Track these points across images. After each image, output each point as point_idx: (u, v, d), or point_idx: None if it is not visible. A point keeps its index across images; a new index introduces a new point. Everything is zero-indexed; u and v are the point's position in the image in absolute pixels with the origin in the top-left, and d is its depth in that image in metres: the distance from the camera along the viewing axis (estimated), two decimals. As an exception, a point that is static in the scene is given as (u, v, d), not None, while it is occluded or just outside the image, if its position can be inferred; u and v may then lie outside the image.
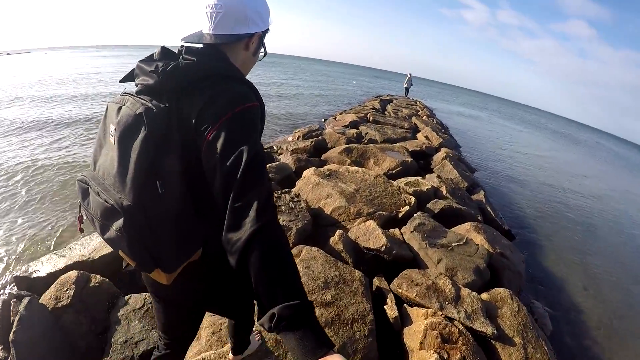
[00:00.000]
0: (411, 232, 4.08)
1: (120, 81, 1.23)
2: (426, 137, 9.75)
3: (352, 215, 4.32)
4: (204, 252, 1.22)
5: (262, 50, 1.34)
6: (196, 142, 1.06)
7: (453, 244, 4.03)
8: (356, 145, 6.94)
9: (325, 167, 5.70)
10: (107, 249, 3.26)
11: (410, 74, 26.30)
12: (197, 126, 1.05)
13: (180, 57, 1.14)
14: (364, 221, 4.14)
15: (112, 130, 1.09)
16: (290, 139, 8.76)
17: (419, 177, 5.85)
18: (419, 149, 8.15)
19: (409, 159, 6.75)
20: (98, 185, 1.12)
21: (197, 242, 1.20)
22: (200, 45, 1.21)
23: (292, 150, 7.29)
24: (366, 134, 9.10)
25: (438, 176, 6.22)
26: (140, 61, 1.16)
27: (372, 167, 6.53)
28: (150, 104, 1.03)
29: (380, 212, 4.43)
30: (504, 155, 14.60)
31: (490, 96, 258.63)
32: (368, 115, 11.72)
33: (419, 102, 23.79)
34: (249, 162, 0.96)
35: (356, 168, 5.57)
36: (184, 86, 1.08)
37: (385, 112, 14.59)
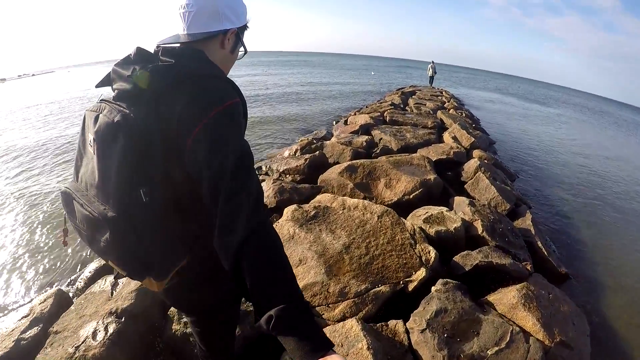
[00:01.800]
0: (422, 330, 2.52)
1: (96, 86, 1.20)
2: (454, 137, 7.97)
3: (333, 297, 2.80)
4: (191, 257, 1.21)
5: (241, 48, 1.31)
6: (179, 145, 1.03)
7: (489, 352, 2.43)
8: (362, 161, 5.31)
9: (313, 202, 4.17)
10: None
11: (433, 62, 24.43)
12: (179, 129, 1.02)
13: (158, 59, 1.13)
14: (349, 309, 2.67)
15: (90, 141, 1.08)
16: (286, 153, 7.15)
17: (443, 210, 4.19)
18: (445, 157, 6.43)
19: (432, 177, 5.09)
20: (82, 197, 1.11)
21: (186, 247, 1.19)
22: (178, 45, 1.18)
23: (281, 172, 5.72)
24: (380, 140, 7.43)
25: (471, 202, 4.53)
26: (116, 64, 1.15)
27: (382, 191, 4.91)
28: (127, 111, 1.01)
29: (380, 287, 2.92)
30: (545, 150, 12.60)
31: (519, 78, 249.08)
32: (385, 114, 10.00)
33: (445, 91, 21.70)
34: (236, 163, 0.96)
35: (356, 202, 4.00)
36: (162, 89, 1.04)
37: (407, 108, 12.80)
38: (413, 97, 16.04)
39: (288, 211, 3.95)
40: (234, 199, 0.93)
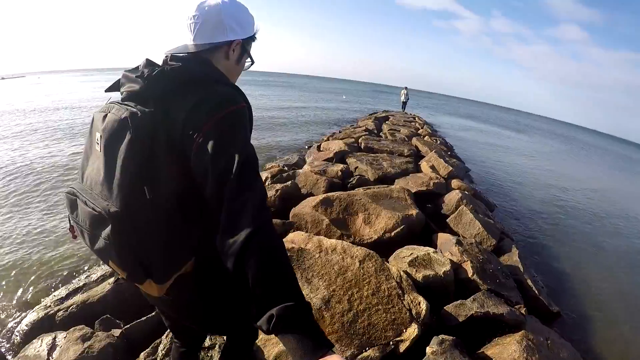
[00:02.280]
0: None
1: (106, 91, 1.25)
2: (432, 166, 7.70)
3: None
4: (196, 264, 1.21)
5: (248, 59, 1.34)
6: (184, 146, 1.04)
7: None
8: (338, 194, 4.90)
9: (285, 242, 3.68)
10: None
11: (406, 87, 24.58)
12: (184, 130, 1.04)
13: (165, 63, 1.16)
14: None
15: (97, 138, 1.11)
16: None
17: (430, 251, 3.82)
18: (425, 188, 6.10)
19: (414, 212, 4.72)
20: (86, 195, 1.12)
21: (188, 251, 1.19)
22: (186, 53, 1.20)
23: None
24: (355, 169, 7.07)
25: (458, 241, 4.17)
26: (125, 71, 1.18)
27: (360, 228, 4.51)
28: (135, 109, 1.04)
29: (367, 350, 2.51)
30: (519, 177, 12.57)
31: (490, 105, 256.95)
32: (360, 140, 9.68)
33: (418, 117, 21.81)
34: (241, 165, 0.96)
35: (334, 243, 3.56)
36: (169, 90, 1.08)
37: (381, 134, 12.57)
38: (387, 122, 15.90)
39: None
40: (238, 199, 0.94)
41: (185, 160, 1.05)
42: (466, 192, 6.21)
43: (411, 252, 3.85)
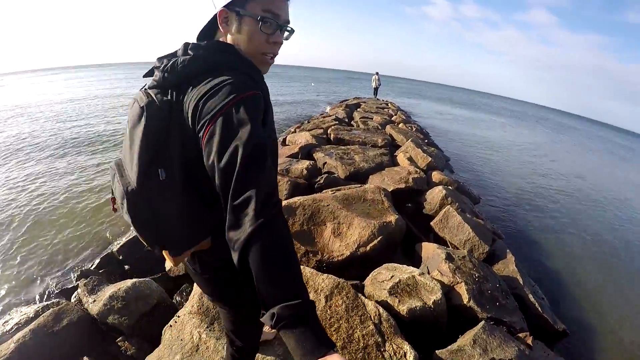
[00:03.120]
0: None
1: (144, 76, 1.27)
2: (409, 157, 6.92)
3: None
4: (213, 242, 1.27)
5: (261, 23, 1.14)
6: (197, 135, 1.05)
7: None
8: (301, 200, 4.07)
9: None
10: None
11: (377, 73, 23.75)
12: (196, 120, 1.05)
13: (185, 52, 1.17)
14: None
15: (128, 122, 1.18)
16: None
17: (415, 273, 3.05)
18: (404, 185, 5.30)
19: (392, 218, 3.93)
20: (118, 170, 1.21)
21: (204, 231, 1.24)
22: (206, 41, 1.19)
23: None
24: (324, 165, 6.24)
25: (448, 255, 3.41)
26: (158, 58, 1.22)
27: (329, 242, 3.70)
28: (154, 98, 1.11)
29: None
30: (500, 162, 12.04)
31: (462, 89, 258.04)
32: (329, 131, 8.83)
33: (391, 103, 21.03)
34: (246, 155, 0.95)
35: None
36: (184, 81, 1.11)
37: (353, 123, 11.73)
38: (358, 110, 15.01)
39: (195, 294, 2.71)
40: (242, 193, 0.92)
41: (199, 149, 1.04)
42: (449, 188, 5.49)
43: (392, 273, 3.07)
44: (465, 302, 2.95)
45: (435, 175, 6.20)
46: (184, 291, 3.52)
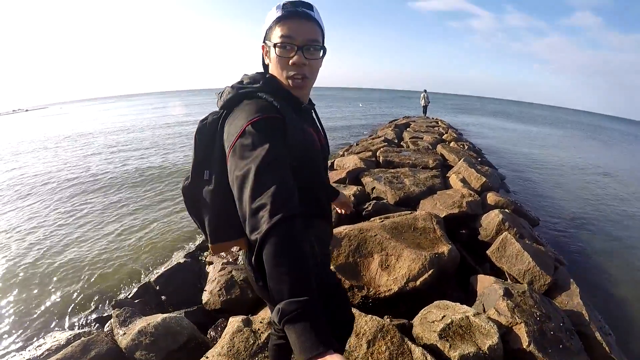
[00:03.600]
0: None
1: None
2: (462, 179, 6.60)
3: None
4: (248, 242, 1.27)
5: (279, 47, 1.30)
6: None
7: None
8: (347, 230, 3.91)
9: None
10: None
11: (426, 90, 23.37)
12: (226, 141, 1.23)
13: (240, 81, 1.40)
14: None
15: None
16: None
17: (469, 313, 2.79)
18: (457, 210, 5.01)
19: (445, 248, 3.70)
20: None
21: (234, 231, 1.33)
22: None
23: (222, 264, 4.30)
24: (372, 190, 6.05)
25: (507, 291, 3.11)
26: (228, 86, 1.40)
27: (376, 275, 3.51)
28: (208, 117, 1.37)
29: None
30: (558, 179, 11.29)
31: (512, 101, 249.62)
32: (378, 153, 8.65)
33: (441, 121, 20.51)
34: (257, 172, 1.05)
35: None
36: (229, 105, 1.30)
37: (402, 144, 11.48)
38: (408, 129, 14.72)
39: (227, 334, 2.62)
40: (256, 201, 1.01)
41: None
42: (506, 211, 5.12)
43: (443, 313, 2.84)
44: (525, 346, 2.65)
45: (491, 197, 5.84)
46: (219, 326, 3.41)
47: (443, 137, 12.74)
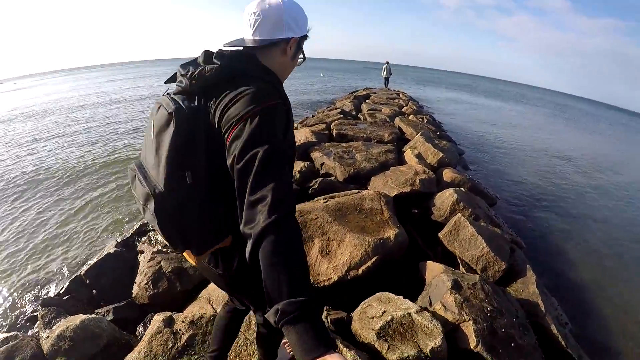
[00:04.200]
0: None
1: (165, 82, 1.34)
2: (418, 155, 6.26)
3: None
4: (234, 239, 1.33)
5: (300, 55, 1.39)
6: (222, 139, 1.12)
7: None
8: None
9: (194, 309, 2.46)
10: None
11: (388, 62, 22.91)
12: (221, 125, 1.12)
13: (209, 62, 1.23)
14: None
15: (152, 126, 1.22)
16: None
17: (411, 310, 2.45)
18: (409, 189, 4.66)
19: (392, 233, 3.34)
20: (141, 173, 1.25)
21: (226, 229, 1.29)
22: (231, 50, 1.27)
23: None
24: (321, 166, 5.64)
25: (455, 283, 2.77)
26: (180, 65, 1.29)
27: (315, 263, 3.13)
28: (182, 104, 1.16)
29: None
30: (518, 154, 11.20)
31: (477, 76, 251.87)
32: (332, 126, 8.21)
33: (402, 93, 20.16)
34: (264, 160, 1.00)
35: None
36: (210, 87, 1.17)
37: (359, 115, 11.08)
38: (367, 101, 14.26)
39: (146, 335, 2.42)
40: (257, 193, 0.97)
41: (223, 152, 1.11)
42: (462, 190, 4.81)
43: (384, 308, 2.50)
44: (472, 347, 2.35)
45: (447, 174, 5.54)
46: (148, 322, 3.13)
47: (402, 109, 12.39)
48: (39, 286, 4.32)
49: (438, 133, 9.50)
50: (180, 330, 2.48)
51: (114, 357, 2.67)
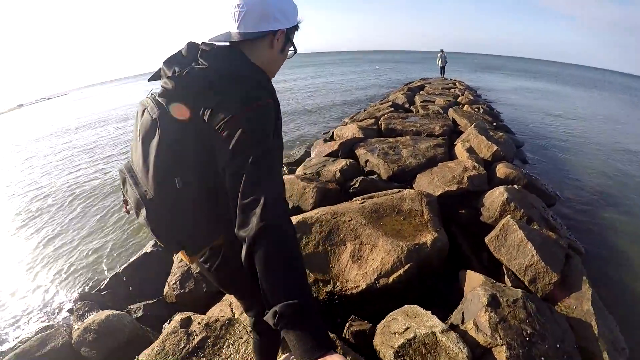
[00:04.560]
0: None
1: (149, 80, 1.29)
2: (469, 149, 5.86)
3: None
4: (227, 237, 1.31)
5: (291, 48, 1.34)
6: (211, 141, 1.11)
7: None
8: (320, 213, 3.36)
9: (216, 311, 2.50)
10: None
11: (442, 50, 22.12)
12: (211, 127, 1.10)
13: (194, 61, 1.20)
14: None
15: (137, 130, 1.20)
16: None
17: (436, 329, 2.21)
18: (456, 187, 4.36)
19: (429, 238, 3.10)
20: (131, 177, 1.23)
21: (218, 229, 1.29)
22: (217, 45, 1.22)
23: None
24: (366, 163, 5.43)
25: (493, 299, 2.50)
26: (164, 61, 1.23)
27: (345, 268, 2.97)
28: (166, 108, 1.14)
29: None
30: (588, 144, 10.22)
31: (536, 60, 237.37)
32: (380, 120, 7.91)
33: (459, 82, 19.33)
34: (255, 163, 1.00)
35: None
36: (199, 89, 1.13)
37: (412, 108, 10.68)
38: (421, 92, 13.78)
39: (163, 334, 2.48)
40: (251, 194, 0.97)
41: (213, 155, 1.10)
42: (515, 187, 4.42)
43: (408, 323, 2.30)
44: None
45: (501, 169, 5.12)
46: None
47: (458, 100, 11.85)
48: (81, 282, 4.69)
49: (495, 124, 8.96)
50: (194, 331, 2.49)
51: (134, 352, 2.70)
